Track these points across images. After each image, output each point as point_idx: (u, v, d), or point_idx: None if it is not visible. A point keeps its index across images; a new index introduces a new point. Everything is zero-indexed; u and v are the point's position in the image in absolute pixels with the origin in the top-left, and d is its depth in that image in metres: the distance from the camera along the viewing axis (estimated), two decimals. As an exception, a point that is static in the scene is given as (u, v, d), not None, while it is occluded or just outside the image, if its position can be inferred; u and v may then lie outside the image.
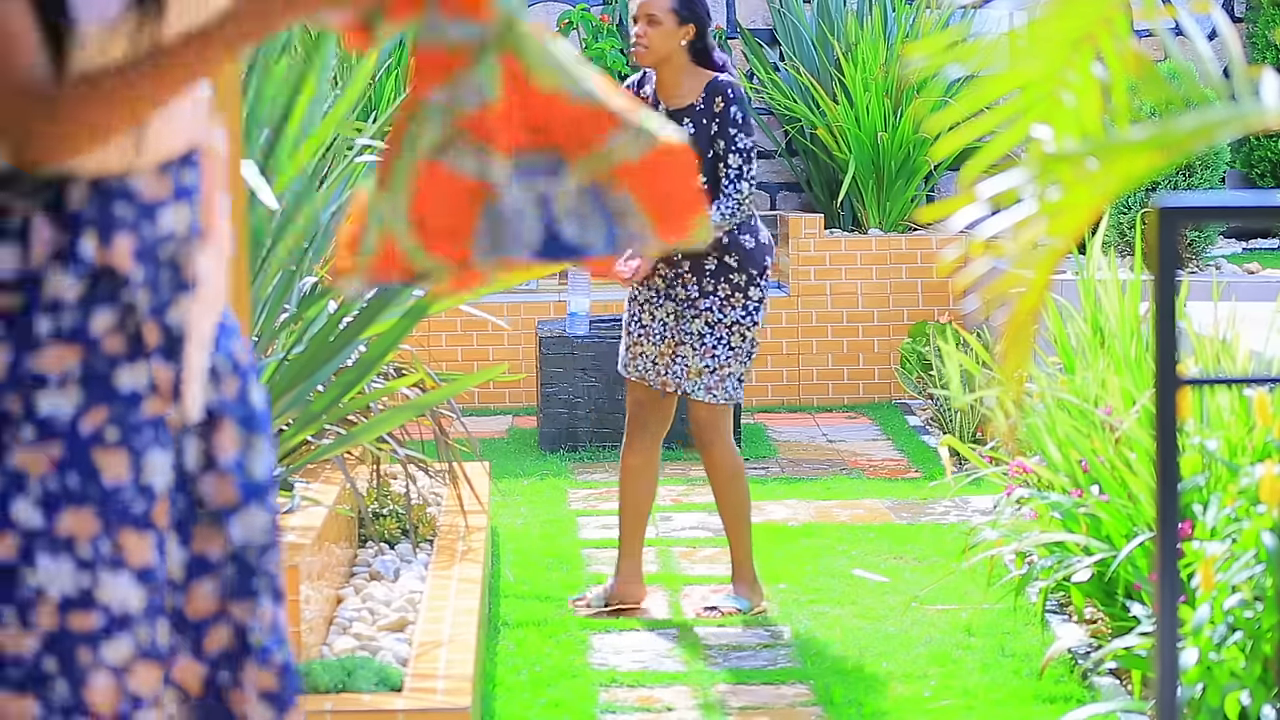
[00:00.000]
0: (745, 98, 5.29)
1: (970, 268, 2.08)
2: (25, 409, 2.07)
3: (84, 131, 2.03)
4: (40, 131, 2.02)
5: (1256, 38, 10.59)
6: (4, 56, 2.00)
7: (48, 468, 2.08)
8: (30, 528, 2.08)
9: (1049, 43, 2.05)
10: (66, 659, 2.07)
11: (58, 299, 2.09)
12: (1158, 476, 1.81)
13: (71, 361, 2.09)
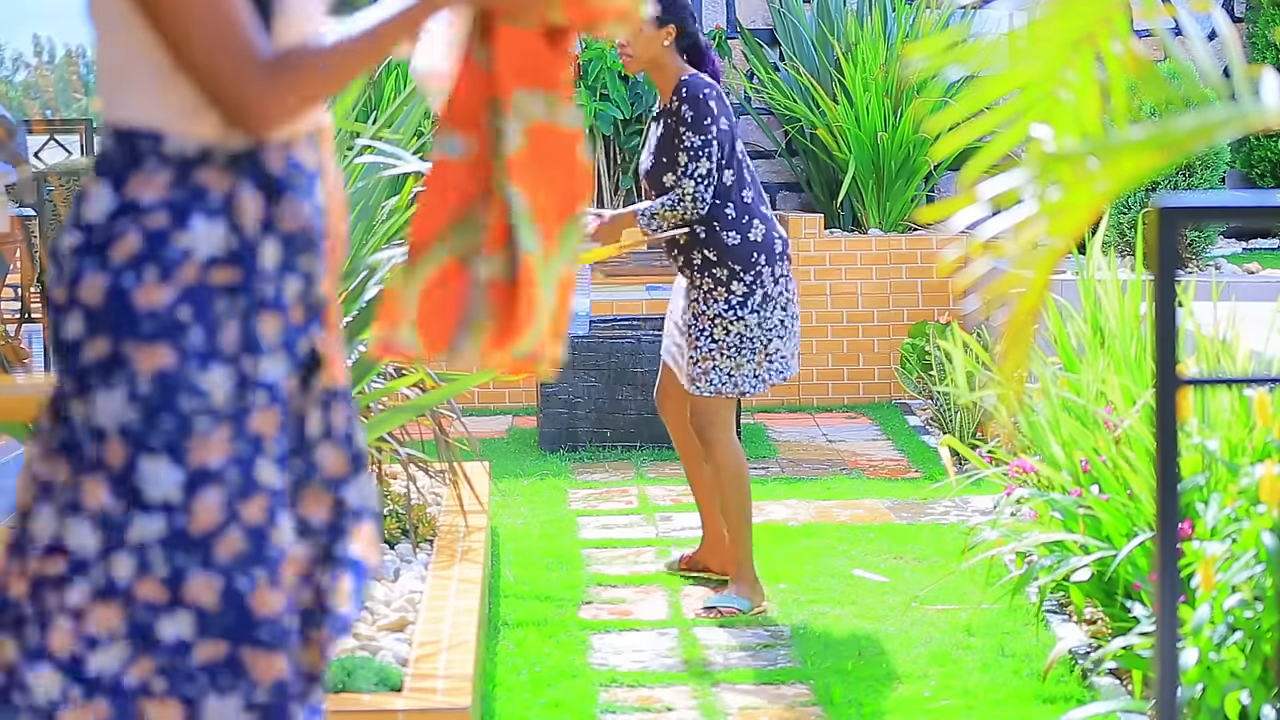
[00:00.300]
0: (706, 95, 5.33)
1: (970, 268, 2.08)
2: (256, 375, 2.16)
3: (302, 101, 2.14)
4: (261, 100, 2.09)
5: (1256, 38, 10.59)
6: (228, 25, 2.09)
7: (275, 431, 2.17)
8: (274, 489, 2.17)
9: (1049, 43, 2.05)
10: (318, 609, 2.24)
11: (264, 268, 2.18)
12: (1158, 476, 1.81)
13: (276, 329, 2.19)
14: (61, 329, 2.15)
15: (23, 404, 3.76)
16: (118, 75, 2.18)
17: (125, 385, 2.13)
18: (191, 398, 2.13)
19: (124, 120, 2.16)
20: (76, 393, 2.14)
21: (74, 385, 2.15)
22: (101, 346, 2.13)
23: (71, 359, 2.14)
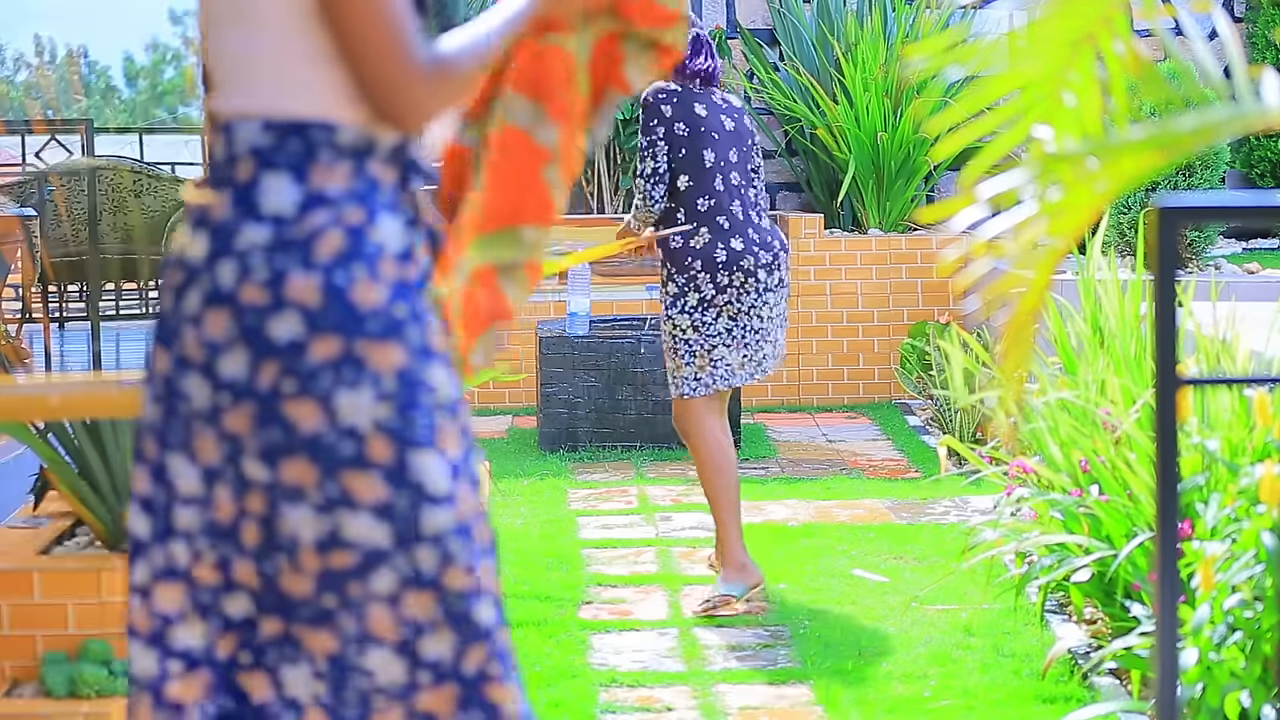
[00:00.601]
0: (657, 100, 5.55)
1: (971, 268, 2.09)
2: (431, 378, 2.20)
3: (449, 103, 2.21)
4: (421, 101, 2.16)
5: (1256, 38, 10.60)
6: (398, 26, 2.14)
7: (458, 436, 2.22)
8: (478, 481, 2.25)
9: (1049, 43, 2.05)
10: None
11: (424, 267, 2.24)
12: (1158, 476, 1.81)
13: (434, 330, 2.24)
14: (267, 329, 2.13)
15: (23, 404, 3.76)
16: (274, 67, 2.17)
17: (370, 385, 2.14)
18: (429, 393, 2.17)
19: (287, 112, 2.16)
20: (299, 393, 2.14)
21: (295, 386, 2.14)
22: (331, 346, 2.13)
23: (291, 360, 2.13)
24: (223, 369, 2.15)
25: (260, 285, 2.13)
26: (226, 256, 2.14)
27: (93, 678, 3.85)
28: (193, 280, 2.16)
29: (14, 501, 5.11)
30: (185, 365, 2.18)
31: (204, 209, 2.17)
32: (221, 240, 2.14)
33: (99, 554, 4.25)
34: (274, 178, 2.15)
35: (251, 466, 2.17)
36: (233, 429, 2.16)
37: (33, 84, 14.24)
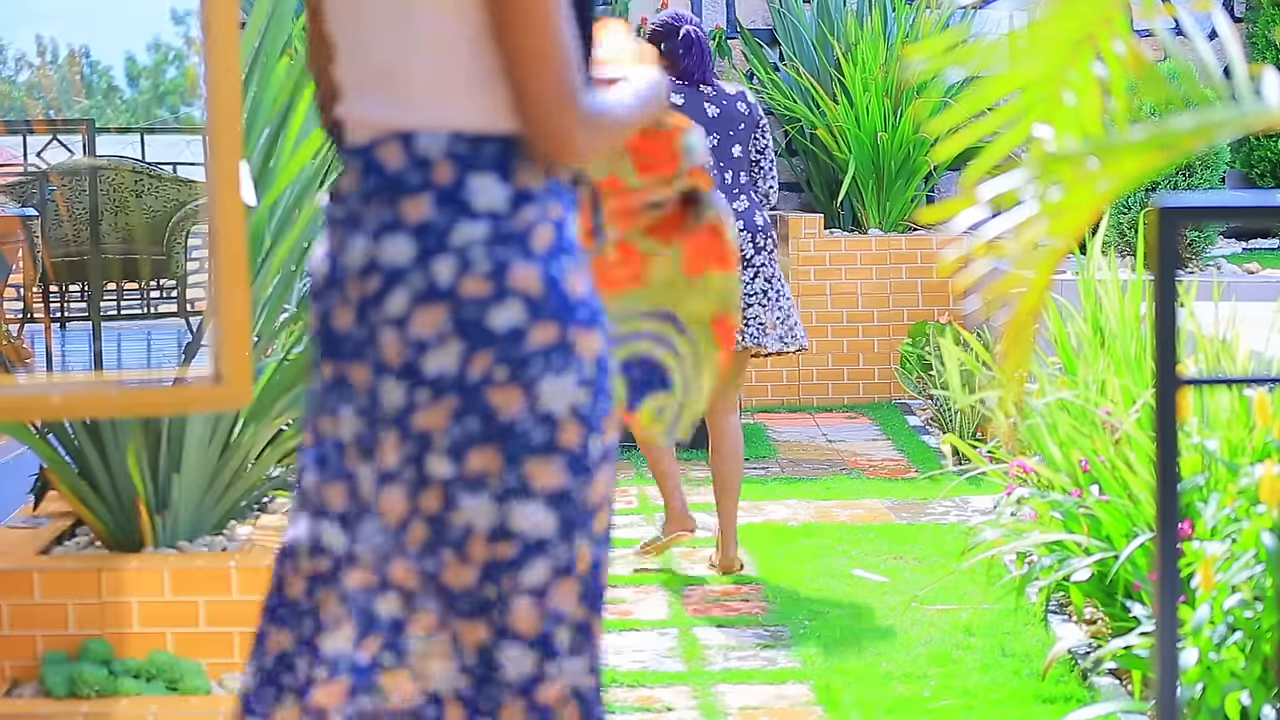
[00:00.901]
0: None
1: (971, 268, 2.09)
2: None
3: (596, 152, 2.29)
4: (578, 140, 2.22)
5: (1256, 38, 10.60)
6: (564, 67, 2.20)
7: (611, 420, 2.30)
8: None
9: (1049, 43, 2.05)
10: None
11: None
12: (1158, 476, 1.81)
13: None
14: (489, 318, 2.16)
15: (23, 404, 3.76)
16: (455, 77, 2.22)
17: (575, 370, 2.19)
18: (611, 379, 2.25)
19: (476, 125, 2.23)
20: (509, 380, 2.17)
21: (506, 373, 2.17)
22: (549, 332, 2.18)
23: (508, 347, 2.17)
24: (428, 365, 2.18)
25: (482, 277, 2.17)
26: (442, 254, 2.18)
27: (93, 678, 3.85)
28: (395, 283, 2.19)
29: (14, 501, 5.12)
30: (380, 371, 2.20)
31: (396, 213, 2.20)
32: (432, 239, 2.18)
33: (99, 554, 4.25)
34: (481, 177, 2.20)
35: (436, 463, 2.19)
36: (424, 426, 2.18)
37: (34, 84, 14.24)
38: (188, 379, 2.54)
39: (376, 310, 2.20)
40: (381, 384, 2.19)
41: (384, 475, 2.22)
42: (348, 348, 2.24)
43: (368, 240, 2.22)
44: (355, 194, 2.26)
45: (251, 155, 4.47)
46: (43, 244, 8.45)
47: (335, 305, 2.25)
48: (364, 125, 2.26)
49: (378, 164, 2.24)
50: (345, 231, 2.25)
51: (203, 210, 8.14)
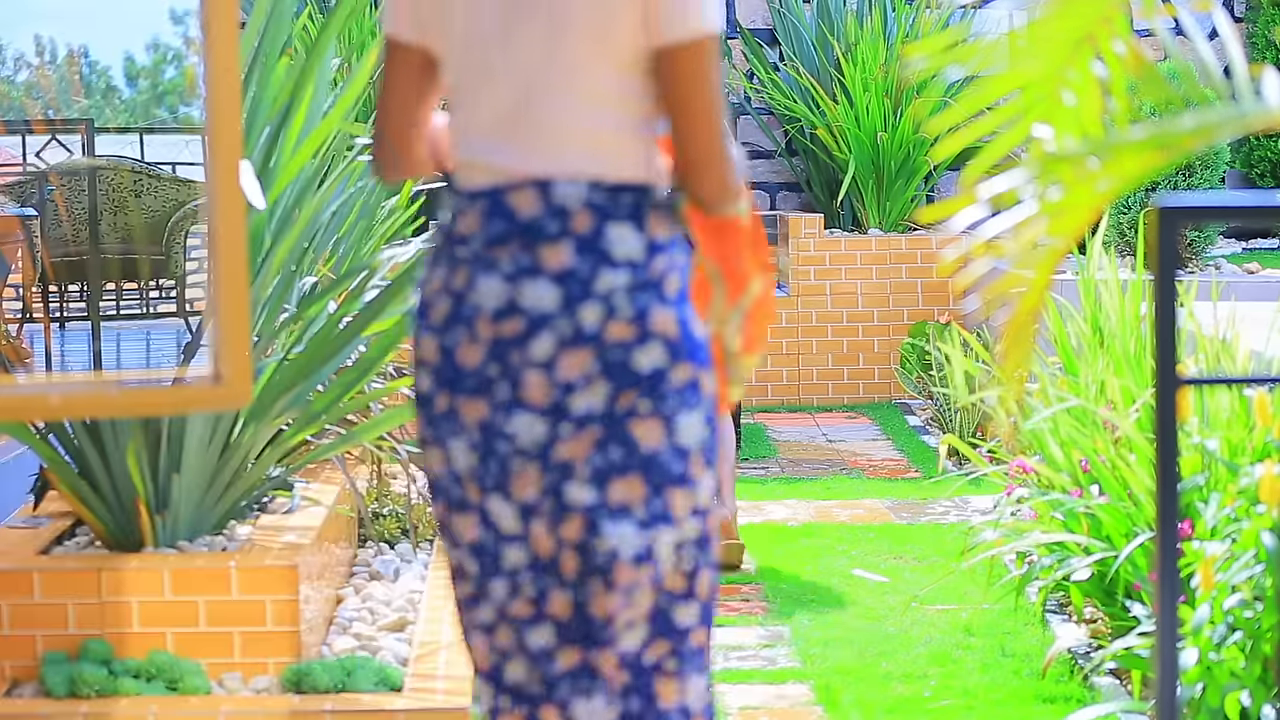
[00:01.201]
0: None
1: (971, 268, 2.09)
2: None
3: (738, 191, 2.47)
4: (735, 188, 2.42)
5: (1256, 37, 10.59)
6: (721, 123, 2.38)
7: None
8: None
9: (1049, 43, 2.05)
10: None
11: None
12: (1158, 476, 1.81)
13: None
14: (634, 360, 2.31)
15: (23, 404, 3.76)
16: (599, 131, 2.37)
17: (701, 408, 2.35)
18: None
19: (616, 175, 2.36)
20: (649, 414, 2.32)
21: (650, 407, 2.31)
22: (686, 373, 2.34)
23: (653, 385, 2.31)
24: (574, 405, 2.31)
25: (626, 322, 2.32)
26: (587, 300, 2.32)
27: (92, 678, 3.85)
28: (540, 327, 2.31)
29: (14, 501, 5.11)
30: (516, 407, 2.32)
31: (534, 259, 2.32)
32: (577, 287, 2.31)
33: (99, 554, 4.25)
34: (618, 227, 2.34)
35: (577, 491, 2.31)
36: (565, 457, 2.31)
37: (33, 84, 14.28)
38: (187, 379, 2.54)
39: (519, 352, 2.31)
40: (512, 420, 2.31)
41: (524, 508, 2.34)
42: (469, 383, 2.35)
43: (503, 283, 2.33)
44: (479, 236, 2.36)
45: (251, 155, 4.47)
46: (42, 244, 8.45)
47: (462, 342, 2.36)
48: (492, 170, 2.37)
49: (507, 209, 2.35)
50: (472, 271, 2.35)
51: (202, 210, 8.14)
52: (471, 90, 2.40)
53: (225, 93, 2.35)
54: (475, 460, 2.34)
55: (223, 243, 2.37)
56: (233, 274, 2.37)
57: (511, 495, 2.33)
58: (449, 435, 2.37)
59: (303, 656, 4.03)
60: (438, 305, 2.39)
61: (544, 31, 2.35)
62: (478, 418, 2.33)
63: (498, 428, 2.32)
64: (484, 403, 2.33)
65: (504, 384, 2.32)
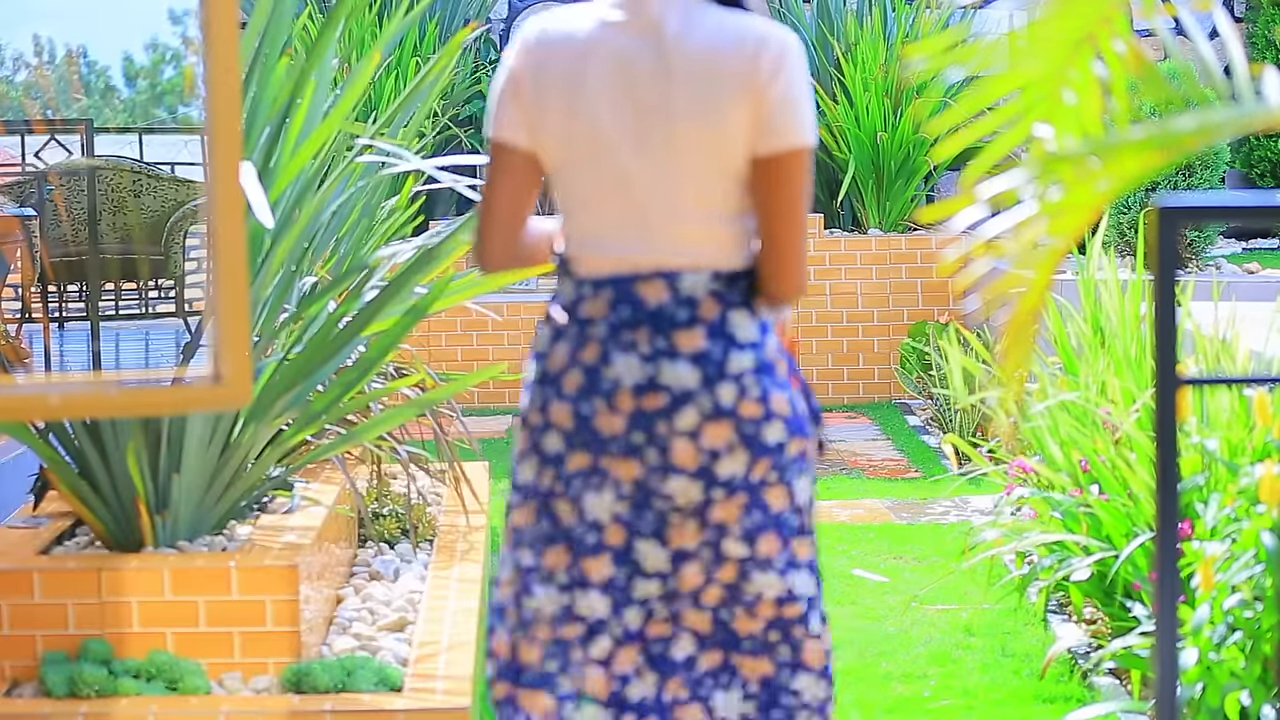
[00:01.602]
0: None
1: (971, 268, 2.08)
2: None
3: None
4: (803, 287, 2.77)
5: (1256, 37, 10.60)
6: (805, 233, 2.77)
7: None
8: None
9: (1049, 43, 2.05)
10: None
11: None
12: (1158, 476, 1.81)
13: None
14: (764, 435, 2.68)
15: (23, 404, 3.76)
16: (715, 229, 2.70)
17: (808, 473, 2.76)
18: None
19: (728, 265, 2.70)
20: (776, 482, 2.72)
21: (776, 476, 2.71)
22: (799, 445, 2.72)
23: (777, 457, 2.70)
24: (720, 470, 2.68)
25: (755, 401, 2.67)
26: (723, 380, 2.67)
27: (92, 678, 3.85)
28: (684, 403, 2.66)
29: (14, 501, 5.11)
30: (671, 471, 2.68)
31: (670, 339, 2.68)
32: (713, 368, 2.67)
33: (99, 554, 4.25)
34: (738, 313, 2.69)
35: (732, 546, 2.71)
36: (720, 518, 2.69)
37: (32, 84, 14.25)
38: (187, 379, 2.54)
39: (665, 423, 2.67)
40: (668, 483, 2.68)
41: (679, 553, 2.70)
42: (613, 447, 2.70)
43: (642, 363, 2.67)
44: (607, 319, 2.70)
45: (251, 155, 4.46)
46: (41, 244, 8.45)
47: (599, 411, 2.70)
48: (620, 262, 2.69)
49: (636, 297, 2.69)
50: (605, 349, 2.69)
51: (201, 210, 8.14)
52: (600, 193, 2.70)
53: (225, 93, 2.35)
54: (624, 509, 2.70)
55: (223, 243, 2.37)
56: (233, 274, 2.37)
57: (668, 543, 2.70)
58: (586, 490, 2.71)
59: (303, 656, 4.03)
60: (569, 377, 2.75)
61: (667, 148, 2.67)
62: (631, 476, 2.69)
63: (653, 487, 2.68)
64: (636, 463, 2.68)
65: (652, 450, 2.67)
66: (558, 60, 2.71)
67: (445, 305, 4.57)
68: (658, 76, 2.66)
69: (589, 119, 2.68)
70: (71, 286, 10.05)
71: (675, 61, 2.66)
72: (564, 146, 2.71)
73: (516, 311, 9.21)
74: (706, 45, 2.67)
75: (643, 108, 2.67)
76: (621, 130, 2.67)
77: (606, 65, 2.68)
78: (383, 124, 5.01)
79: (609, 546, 2.71)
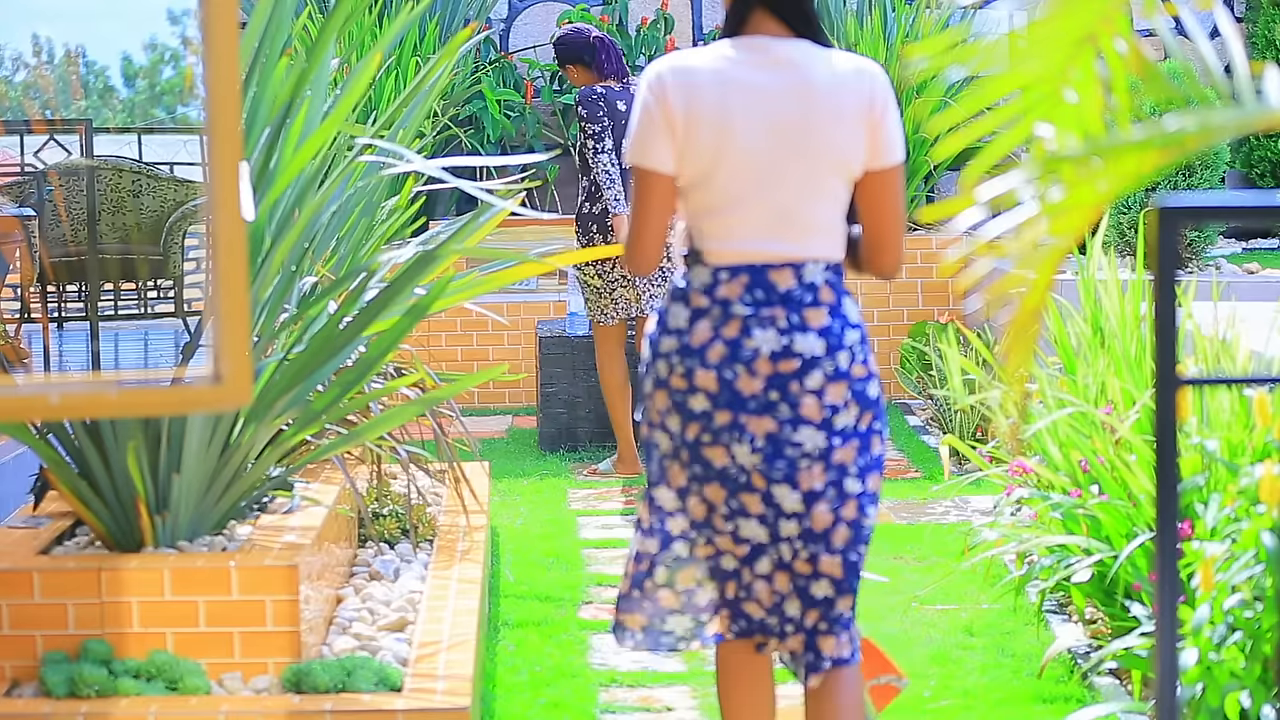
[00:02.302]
0: (591, 98, 7.23)
1: (972, 268, 2.08)
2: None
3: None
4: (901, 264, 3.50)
5: (1256, 37, 10.60)
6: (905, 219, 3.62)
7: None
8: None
9: (1050, 43, 2.05)
10: None
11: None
12: (1158, 476, 1.81)
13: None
14: (867, 392, 3.35)
15: (23, 404, 3.76)
16: (832, 229, 3.36)
17: (886, 424, 3.42)
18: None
19: (833, 256, 3.36)
20: (879, 431, 3.38)
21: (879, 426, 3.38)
22: (883, 401, 3.42)
23: (876, 409, 3.36)
24: (838, 421, 3.31)
25: (861, 364, 3.35)
26: (841, 350, 3.32)
27: (92, 678, 3.85)
28: (812, 368, 3.30)
29: (14, 501, 5.11)
30: (800, 423, 3.30)
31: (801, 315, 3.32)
32: (834, 339, 3.31)
33: (99, 554, 4.25)
34: (848, 299, 3.38)
35: (851, 484, 3.34)
36: (840, 460, 3.32)
37: (31, 84, 14.24)
38: (187, 379, 2.54)
39: (797, 383, 3.29)
40: (799, 432, 3.29)
41: (810, 494, 3.31)
42: (752, 406, 3.29)
43: (779, 335, 3.30)
44: (742, 300, 3.31)
45: (252, 155, 4.46)
46: (40, 244, 8.45)
47: (740, 375, 3.29)
48: (756, 255, 3.31)
49: (769, 282, 3.31)
50: (745, 325, 3.30)
51: (201, 210, 8.14)
52: (743, 199, 3.32)
53: (225, 93, 2.35)
54: (759, 460, 3.30)
55: (223, 243, 2.37)
56: (233, 274, 2.37)
57: (799, 485, 3.31)
58: (732, 441, 3.30)
59: (303, 656, 4.03)
60: (713, 348, 3.31)
61: (803, 161, 3.32)
62: (764, 430, 3.29)
63: (785, 437, 3.29)
64: (770, 419, 3.29)
65: (784, 405, 3.29)
66: (705, 93, 3.31)
67: (445, 305, 4.57)
68: (794, 105, 3.31)
69: (736, 140, 3.31)
70: (71, 286, 10.05)
71: (807, 94, 3.32)
72: (711, 163, 3.33)
73: (517, 311, 9.20)
74: (832, 80, 3.33)
75: (781, 130, 3.31)
76: (764, 149, 3.32)
77: (748, 96, 3.31)
78: (383, 124, 5.00)
79: (755, 488, 3.32)
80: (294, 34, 4.65)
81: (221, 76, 2.35)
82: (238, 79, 2.33)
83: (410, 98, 5.10)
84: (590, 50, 7.28)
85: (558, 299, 9.23)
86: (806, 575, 3.36)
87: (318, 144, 4.47)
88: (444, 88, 9.85)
